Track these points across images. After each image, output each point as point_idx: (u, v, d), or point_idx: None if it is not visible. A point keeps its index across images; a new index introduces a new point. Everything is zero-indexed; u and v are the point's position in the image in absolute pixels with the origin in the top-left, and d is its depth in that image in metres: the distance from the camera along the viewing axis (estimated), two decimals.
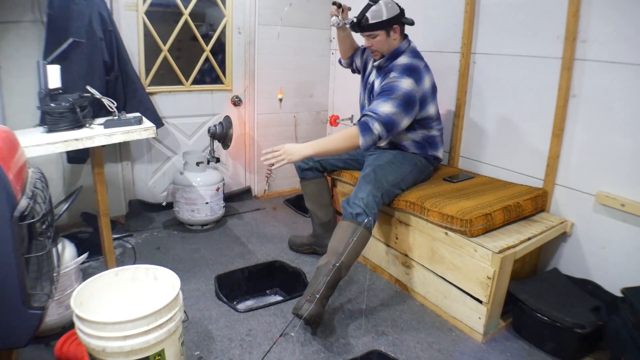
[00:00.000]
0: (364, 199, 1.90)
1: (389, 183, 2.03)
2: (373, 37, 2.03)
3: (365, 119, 1.88)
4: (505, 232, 1.85)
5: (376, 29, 2.00)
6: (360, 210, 1.88)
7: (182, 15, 2.81)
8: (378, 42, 2.04)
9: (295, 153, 1.84)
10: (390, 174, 2.05)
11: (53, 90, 1.83)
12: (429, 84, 2.05)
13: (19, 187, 1.03)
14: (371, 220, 1.88)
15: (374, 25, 1.99)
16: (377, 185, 1.97)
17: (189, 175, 2.69)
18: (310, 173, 2.32)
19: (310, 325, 1.80)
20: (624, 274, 1.78)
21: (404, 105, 1.90)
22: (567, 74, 1.92)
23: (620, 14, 1.75)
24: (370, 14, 1.98)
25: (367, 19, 1.98)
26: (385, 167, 2.07)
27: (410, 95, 1.92)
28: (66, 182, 2.61)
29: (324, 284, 1.74)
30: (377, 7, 1.98)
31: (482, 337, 1.79)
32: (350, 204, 1.92)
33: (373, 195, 1.93)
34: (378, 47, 2.06)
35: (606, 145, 1.85)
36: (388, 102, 1.89)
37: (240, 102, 3.19)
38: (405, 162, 2.13)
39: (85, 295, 1.34)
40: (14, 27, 2.26)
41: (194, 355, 1.66)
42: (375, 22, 1.98)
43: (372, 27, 1.99)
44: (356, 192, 1.95)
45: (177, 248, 2.53)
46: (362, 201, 1.90)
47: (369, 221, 1.87)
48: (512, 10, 2.16)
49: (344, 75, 3.36)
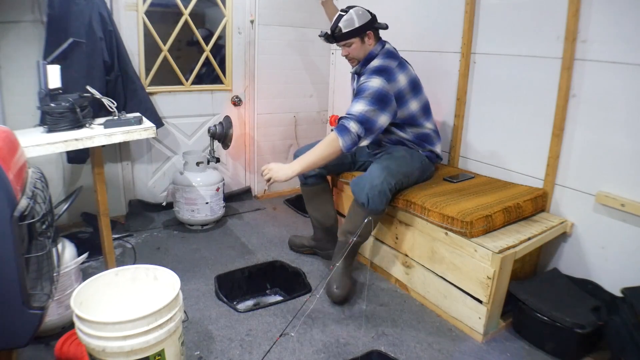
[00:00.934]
0: (378, 186, 1.92)
1: (403, 174, 2.06)
2: (349, 46, 2.09)
3: (342, 121, 1.93)
4: (505, 232, 1.85)
5: (350, 37, 2.05)
6: (371, 196, 1.91)
7: (182, 15, 2.81)
8: (354, 50, 2.09)
9: (280, 173, 1.90)
10: (403, 166, 2.08)
11: (53, 90, 1.83)
12: (405, 81, 2.05)
13: (19, 187, 1.03)
14: (382, 207, 1.95)
15: (347, 34, 2.04)
16: (391, 174, 1.98)
17: (189, 175, 2.69)
18: (313, 179, 2.30)
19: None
20: (624, 274, 1.78)
21: (376, 103, 1.92)
22: (567, 74, 1.92)
23: (620, 13, 1.75)
24: (343, 23, 2.03)
25: (339, 29, 2.03)
26: (399, 160, 2.10)
27: (381, 92, 1.94)
28: (66, 182, 2.61)
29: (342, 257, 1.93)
30: (348, 16, 2.03)
31: (482, 337, 1.79)
32: (361, 188, 1.95)
33: (387, 182, 1.94)
34: (354, 54, 2.11)
35: (606, 145, 1.85)
36: (360, 101, 1.94)
37: (240, 102, 3.19)
38: (414, 159, 2.16)
39: (85, 295, 1.34)
40: (14, 27, 2.26)
41: (194, 355, 1.66)
42: (347, 30, 2.03)
43: (345, 36, 2.04)
44: (371, 179, 1.95)
45: (177, 248, 2.53)
46: (375, 189, 1.92)
47: (378, 208, 1.93)
48: (512, 10, 2.16)
49: (344, 75, 3.36)
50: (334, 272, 1.97)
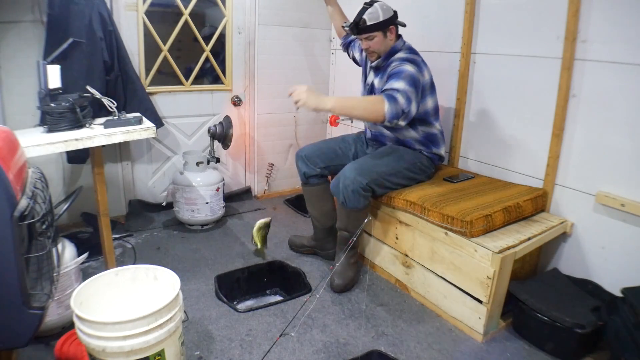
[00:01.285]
0: (350, 186, 1.97)
1: (378, 173, 2.05)
2: (370, 39, 2.08)
3: (388, 92, 1.88)
4: (505, 232, 1.85)
5: (374, 30, 2.04)
6: (346, 195, 1.99)
7: (182, 15, 2.81)
8: (375, 44, 2.08)
9: (311, 99, 1.83)
10: (381, 166, 2.08)
11: (53, 90, 1.83)
12: (428, 77, 2.09)
13: (19, 187, 1.03)
14: (360, 205, 2.00)
15: (371, 26, 2.03)
16: (362, 173, 2.00)
17: (189, 175, 2.69)
18: (315, 179, 2.31)
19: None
20: (624, 274, 1.78)
21: (412, 84, 1.92)
22: (567, 74, 1.92)
23: (620, 13, 1.75)
24: (367, 16, 2.02)
25: (364, 21, 2.02)
26: (378, 158, 2.11)
27: (416, 77, 1.95)
28: (66, 182, 2.61)
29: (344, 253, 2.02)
30: (373, 9, 2.03)
31: (482, 337, 1.79)
32: (338, 189, 2.02)
33: (358, 182, 1.98)
34: (375, 48, 2.10)
35: (606, 145, 1.85)
36: (399, 80, 1.91)
37: (240, 102, 3.19)
38: (403, 158, 2.15)
39: (85, 295, 1.34)
40: (14, 27, 2.26)
41: (194, 355, 1.66)
42: (372, 23, 2.03)
43: (369, 28, 2.04)
44: (344, 180, 2.00)
45: (177, 248, 2.53)
46: (348, 189, 1.98)
47: (357, 207, 2.01)
48: (512, 10, 2.16)
49: (344, 75, 3.37)
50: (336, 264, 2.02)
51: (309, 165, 2.28)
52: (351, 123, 3.18)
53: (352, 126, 3.21)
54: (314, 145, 2.37)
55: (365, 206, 2.05)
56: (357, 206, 2.01)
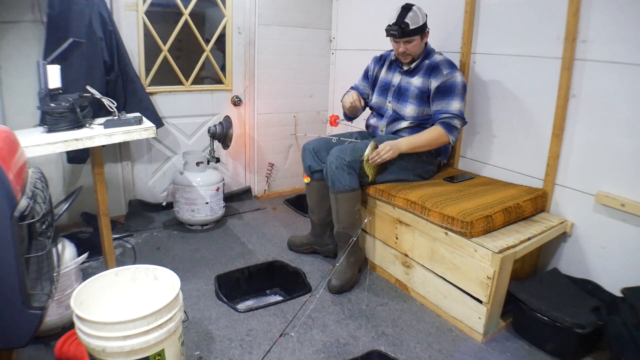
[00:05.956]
0: (334, 163, 2.05)
1: (357, 150, 2.08)
2: (410, 42, 2.12)
3: (446, 120, 2.08)
4: (505, 232, 1.85)
5: (415, 34, 2.09)
6: (332, 176, 2.06)
7: (182, 15, 2.81)
8: (413, 46, 2.14)
9: (395, 149, 2.05)
10: (359, 149, 2.09)
11: (53, 90, 1.83)
12: None
13: (19, 187, 1.03)
14: (344, 181, 2.05)
15: (414, 30, 2.07)
16: (343, 152, 2.07)
17: (189, 175, 2.69)
18: (319, 174, 2.31)
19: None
20: (624, 274, 1.78)
21: (464, 95, 2.12)
22: (567, 74, 1.92)
23: (620, 13, 1.75)
24: (410, 20, 2.05)
25: (407, 24, 2.05)
26: (357, 144, 2.13)
27: (465, 84, 2.13)
28: (66, 182, 2.61)
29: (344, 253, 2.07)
30: (413, 13, 2.06)
31: (482, 337, 1.79)
32: (326, 176, 2.11)
33: (340, 159, 2.05)
34: (412, 50, 2.15)
35: (606, 145, 1.85)
36: (455, 99, 2.08)
37: (240, 102, 3.19)
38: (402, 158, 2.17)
39: (85, 295, 1.34)
40: (14, 27, 2.26)
41: (194, 355, 1.66)
42: (415, 27, 2.06)
43: (412, 32, 2.07)
44: (328, 164, 2.09)
45: (177, 248, 2.53)
46: (332, 166, 2.06)
47: (346, 186, 2.06)
48: (512, 10, 2.16)
49: (344, 75, 3.37)
50: (336, 264, 2.04)
51: (315, 159, 2.28)
52: (351, 123, 3.18)
53: (352, 126, 3.21)
54: (323, 139, 2.36)
55: (353, 189, 2.07)
56: (344, 185, 2.04)
